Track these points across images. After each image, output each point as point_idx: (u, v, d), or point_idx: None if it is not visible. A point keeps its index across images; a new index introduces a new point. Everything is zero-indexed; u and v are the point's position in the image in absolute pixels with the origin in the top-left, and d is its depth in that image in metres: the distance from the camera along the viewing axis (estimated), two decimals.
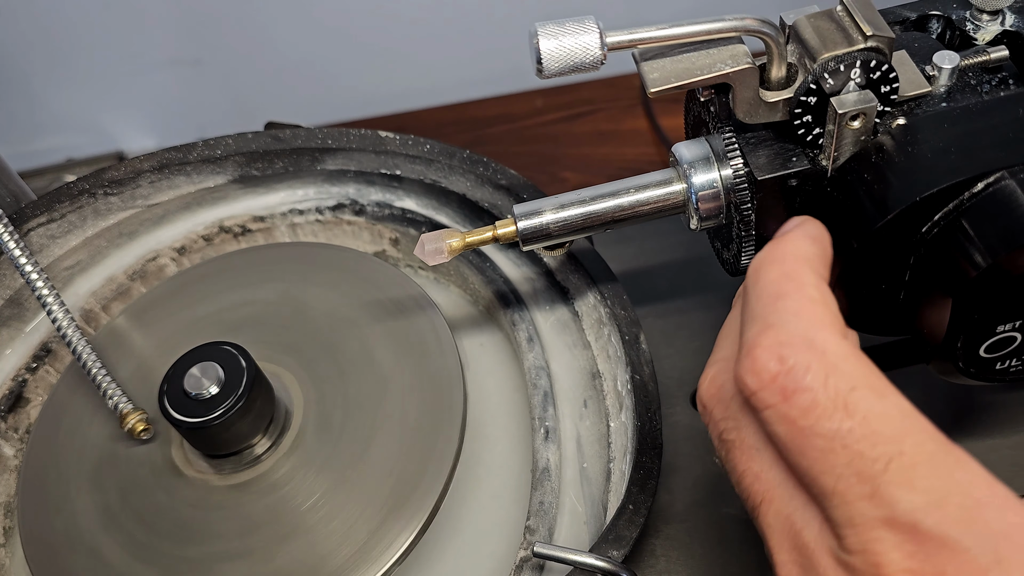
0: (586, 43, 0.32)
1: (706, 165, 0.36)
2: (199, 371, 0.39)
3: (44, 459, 0.44)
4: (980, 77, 0.36)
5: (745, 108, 0.34)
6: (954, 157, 0.32)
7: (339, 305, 0.46)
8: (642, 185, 0.37)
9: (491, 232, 0.38)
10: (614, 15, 0.72)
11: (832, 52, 0.32)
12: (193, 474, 0.42)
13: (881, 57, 0.33)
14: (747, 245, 0.37)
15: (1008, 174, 0.31)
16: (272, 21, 0.78)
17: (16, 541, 0.45)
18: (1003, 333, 0.33)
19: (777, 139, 0.35)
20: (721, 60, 0.33)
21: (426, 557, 0.42)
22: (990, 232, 0.31)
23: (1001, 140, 0.32)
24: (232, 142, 0.51)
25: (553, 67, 0.32)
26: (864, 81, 0.33)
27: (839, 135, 0.33)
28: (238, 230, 0.53)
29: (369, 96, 0.83)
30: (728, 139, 0.35)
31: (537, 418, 0.44)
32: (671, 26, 0.32)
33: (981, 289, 0.31)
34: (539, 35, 0.32)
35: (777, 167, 0.34)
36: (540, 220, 0.38)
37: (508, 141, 0.78)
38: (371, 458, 0.41)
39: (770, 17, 0.34)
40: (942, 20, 0.38)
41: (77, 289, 0.51)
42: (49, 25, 0.75)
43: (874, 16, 0.33)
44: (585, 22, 0.32)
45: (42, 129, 0.83)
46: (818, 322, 0.27)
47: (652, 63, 0.34)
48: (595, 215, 0.38)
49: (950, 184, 0.31)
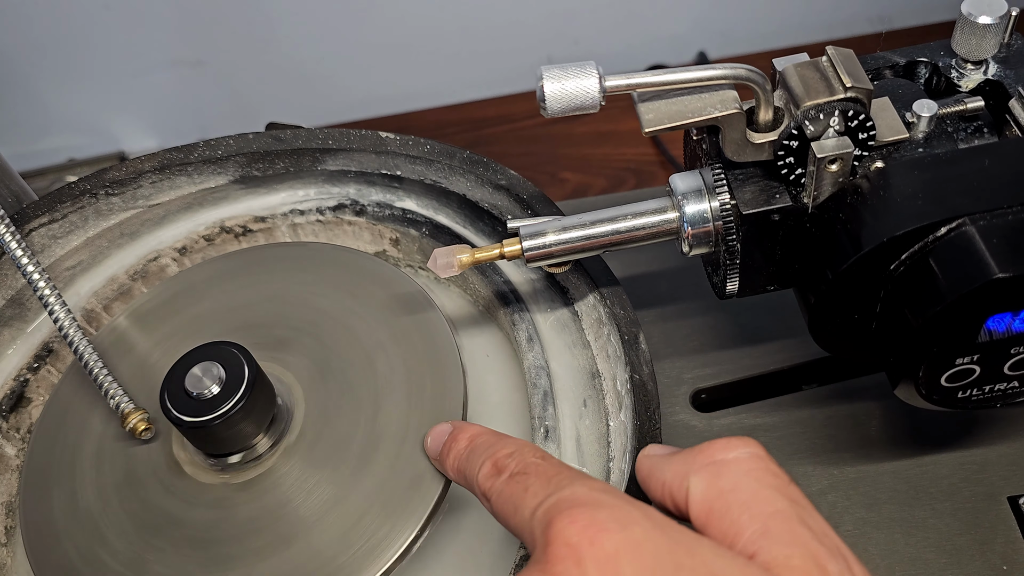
0: (586, 87, 0.34)
1: (698, 197, 0.39)
2: (200, 371, 0.39)
3: (46, 459, 0.44)
4: (957, 125, 0.38)
5: (733, 148, 0.37)
6: (921, 202, 0.34)
7: (340, 305, 0.47)
8: (639, 212, 0.40)
9: (498, 250, 0.40)
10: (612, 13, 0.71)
11: (814, 100, 0.35)
12: (194, 473, 0.42)
13: (859, 107, 0.35)
14: (731, 272, 0.40)
15: (969, 220, 0.33)
16: (273, 22, 0.78)
17: (18, 540, 0.45)
18: (962, 365, 0.35)
19: (764, 176, 0.38)
20: (711, 104, 0.36)
21: (426, 557, 0.42)
22: (949, 274, 0.33)
23: (966, 188, 0.34)
24: (233, 143, 0.52)
25: (556, 107, 0.35)
26: (843, 128, 0.35)
27: (818, 176, 0.36)
28: (239, 230, 0.53)
29: (370, 97, 0.83)
30: (717, 175, 0.38)
31: (537, 417, 0.44)
32: (666, 72, 0.35)
33: (938, 325, 0.34)
34: (544, 78, 0.34)
35: (761, 203, 0.37)
36: (543, 240, 0.40)
37: (508, 141, 0.78)
38: (372, 457, 0.41)
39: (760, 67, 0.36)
40: (929, 66, 0.40)
41: (79, 289, 0.51)
42: (51, 26, 0.75)
43: (855, 68, 0.35)
44: (586, 67, 0.34)
45: (44, 130, 0.83)
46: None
47: (648, 104, 0.36)
48: (595, 238, 0.40)
49: (916, 227, 0.34)
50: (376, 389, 0.43)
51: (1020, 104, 0.38)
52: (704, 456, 0.30)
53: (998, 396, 0.38)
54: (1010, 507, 0.44)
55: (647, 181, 0.74)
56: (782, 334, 0.52)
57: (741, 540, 0.28)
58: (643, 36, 0.83)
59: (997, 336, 0.34)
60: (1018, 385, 0.37)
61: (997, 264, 0.32)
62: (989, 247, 0.32)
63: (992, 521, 0.44)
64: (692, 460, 0.31)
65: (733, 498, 0.29)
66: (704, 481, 0.30)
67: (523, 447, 0.33)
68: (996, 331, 0.34)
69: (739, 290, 0.41)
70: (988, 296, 0.32)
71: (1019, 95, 0.38)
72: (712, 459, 0.30)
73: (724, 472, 0.30)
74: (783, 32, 0.82)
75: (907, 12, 0.83)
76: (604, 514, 0.28)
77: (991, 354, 0.35)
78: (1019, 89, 0.38)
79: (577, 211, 0.49)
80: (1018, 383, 0.37)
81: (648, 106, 0.36)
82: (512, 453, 0.33)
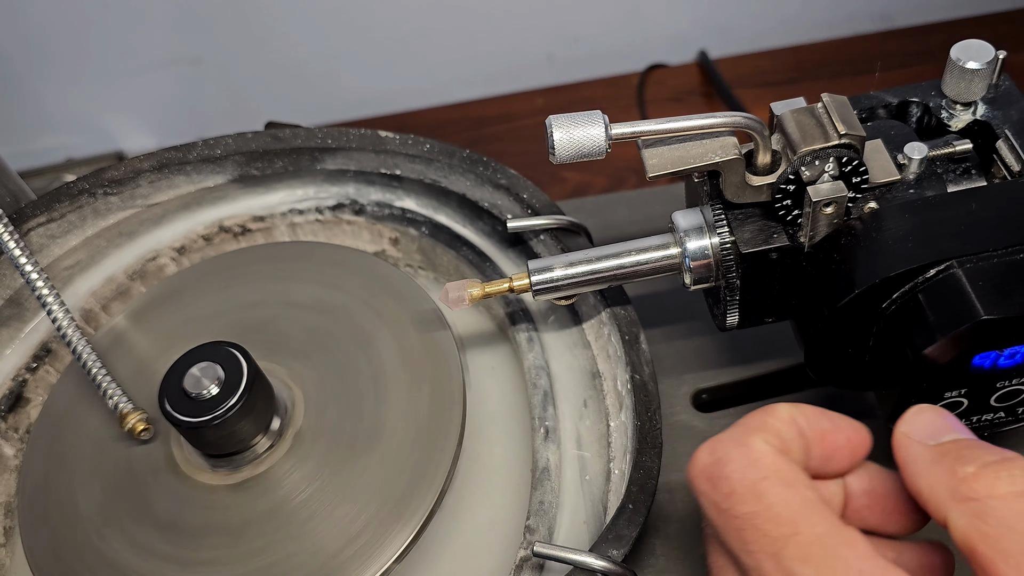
0: (593, 135, 0.36)
1: (699, 234, 0.40)
2: (199, 371, 0.39)
3: (44, 459, 0.44)
4: (946, 166, 0.40)
5: (732, 191, 0.38)
6: (912, 245, 0.36)
7: (339, 305, 0.46)
8: (642, 248, 0.42)
9: (507, 284, 0.42)
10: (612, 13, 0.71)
11: (810, 147, 0.36)
12: (193, 473, 0.42)
13: (853, 153, 0.37)
14: (731, 307, 0.42)
15: (956, 263, 0.35)
16: (272, 21, 0.78)
17: (16, 541, 0.45)
18: (950, 398, 0.37)
19: (762, 216, 0.39)
20: (712, 150, 0.37)
21: (426, 557, 0.42)
22: (937, 314, 0.35)
23: (954, 232, 0.36)
24: (232, 142, 0.51)
25: (564, 154, 0.37)
26: (837, 173, 0.37)
27: (814, 218, 0.38)
28: (238, 230, 0.53)
29: (369, 96, 0.83)
30: (717, 214, 0.40)
31: (537, 418, 0.44)
32: (668, 121, 0.37)
33: (927, 363, 0.35)
34: (553, 127, 0.36)
35: (760, 242, 0.39)
36: (551, 275, 0.42)
37: (508, 141, 0.78)
38: (371, 457, 0.41)
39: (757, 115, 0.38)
40: (921, 106, 0.42)
41: (77, 289, 0.51)
42: (49, 25, 0.75)
43: (848, 115, 0.37)
44: (593, 116, 0.36)
45: (42, 129, 0.83)
46: (750, 428, 0.32)
47: (652, 150, 0.38)
48: (599, 272, 0.42)
49: (907, 269, 0.36)
50: (375, 389, 0.43)
51: (1007, 145, 0.39)
52: (967, 488, 0.28)
53: (985, 425, 0.40)
54: None
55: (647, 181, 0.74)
56: (783, 334, 0.52)
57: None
58: (643, 34, 0.83)
59: (983, 372, 0.36)
60: (1004, 415, 0.39)
61: (983, 307, 0.34)
62: (975, 290, 0.34)
63: None
64: (955, 488, 0.29)
65: (998, 548, 0.27)
66: (965, 520, 0.28)
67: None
68: (982, 367, 0.36)
69: (739, 322, 0.43)
70: (975, 336, 0.34)
71: (1006, 136, 0.40)
72: (975, 495, 0.28)
73: (989, 516, 0.28)
74: (783, 30, 0.82)
75: (907, 10, 0.83)
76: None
77: (978, 388, 0.37)
78: (1005, 131, 0.40)
79: (577, 210, 0.49)
80: (1004, 413, 0.39)
81: (652, 152, 0.38)
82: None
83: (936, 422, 0.31)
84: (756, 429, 0.32)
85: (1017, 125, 0.40)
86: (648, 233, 0.43)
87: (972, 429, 0.40)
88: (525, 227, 0.47)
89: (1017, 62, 0.73)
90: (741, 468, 0.30)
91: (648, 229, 0.59)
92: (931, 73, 0.43)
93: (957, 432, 0.30)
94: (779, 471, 0.30)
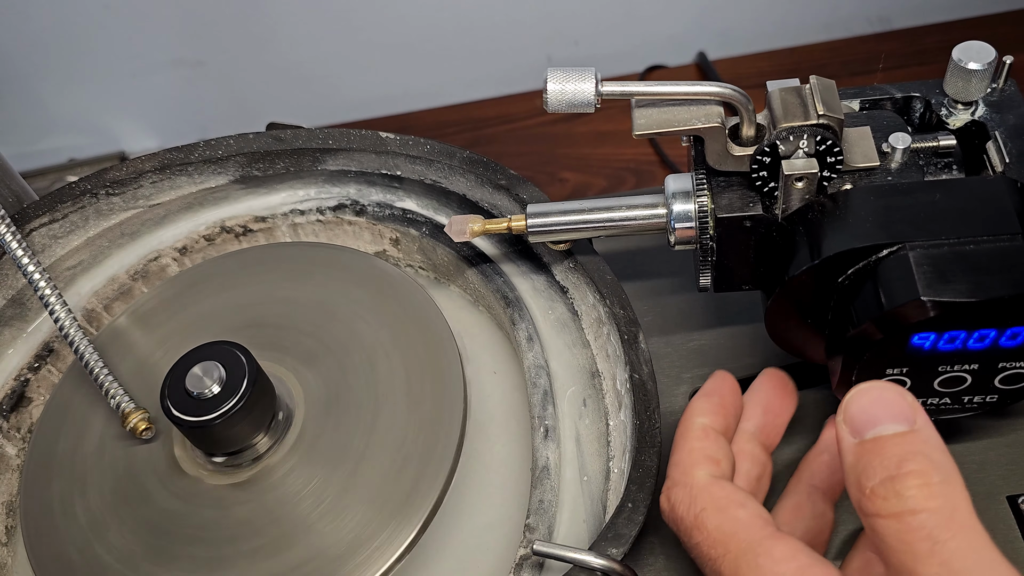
0: (583, 89, 0.39)
1: (685, 198, 0.42)
2: (201, 370, 0.39)
3: (46, 458, 0.44)
4: (929, 159, 0.41)
5: (714, 158, 0.41)
6: (870, 225, 0.38)
7: (340, 304, 0.47)
8: (633, 204, 0.44)
9: (506, 223, 0.45)
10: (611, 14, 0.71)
11: (789, 123, 0.38)
12: (194, 472, 0.42)
13: (829, 133, 0.38)
14: (704, 268, 0.44)
15: (908, 247, 0.37)
16: (274, 22, 0.78)
17: (18, 540, 0.46)
18: (892, 376, 0.39)
19: (743, 186, 0.41)
20: (697, 117, 0.40)
21: (426, 556, 0.43)
22: (881, 291, 0.37)
23: (913, 218, 0.37)
24: (233, 142, 0.52)
25: (555, 103, 0.39)
26: (812, 151, 0.39)
27: (786, 191, 0.39)
28: (239, 230, 0.53)
29: (370, 97, 0.83)
30: (699, 180, 0.42)
31: (536, 417, 0.44)
32: (658, 84, 0.39)
33: (866, 336, 0.37)
34: (549, 79, 0.39)
35: (736, 209, 0.41)
36: (546, 220, 0.44)
37: (508, 141, 0.78)
38: (372, 457, 0.41)
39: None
40: (923, 102, 0.43)
41: (79, 289, 0.51)
42: (51, 26, 0.75)
43: (831, 99, 0.39)
44: (586, 72, 0.39)
45: (44, 130, 0.83)
46: (691, 464, 0.39)
47: (642, 111, 0.41)
48: (591, 222, 0.44)
49: (862, 246, 0.37)
50: (376, 389, 0.43)
51: (995, 147, 0.41)
52: (867, 504, 0.30)
53: (931, 410, 0.41)
54: (1009, 506, 0.44)
55: (646, 181, 0.74)
56: None
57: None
58: (643, 36, 0.83)
59: (922, 353, 0.37)
60: (950, 402, 0.40)
61: (921, 288, 0.35)
62: (919, 272, 0.36)
63: (991, 520, 0.44)
64: (859, 500, 0.31)
65: (891, 563, 0.30)
66: (867, 529, 0.31)
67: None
68: (921, 348, 0.37)
69: (714, 285, 0.44)
70: (911, 314, 0.35)
71: (995, 138, 0.41)
72: (870, 511, 0.30)
73: (879, 533, 0.30)
74: (782, 32, 0.82)
75: (906, 12, 0.83)
76: None
77: (919, 369, 0.38)
78: (997, 133, 0.41)
79: None
80: (950, 400, 0.40)
81: (641, 112, 0.40)
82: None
83: (870, 410, 0.32)
84: (690, 465, 0.38)
85: (1012, 129, 0.41)
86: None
87: None
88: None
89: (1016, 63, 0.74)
90: (686, 507, 0.37)
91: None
92: (928, 75, 0.43)
93: (886, 423, 0.31)
94: (713, 500, 0.37)
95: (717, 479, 0.38)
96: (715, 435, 0.40)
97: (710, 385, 0.43)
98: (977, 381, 0.39)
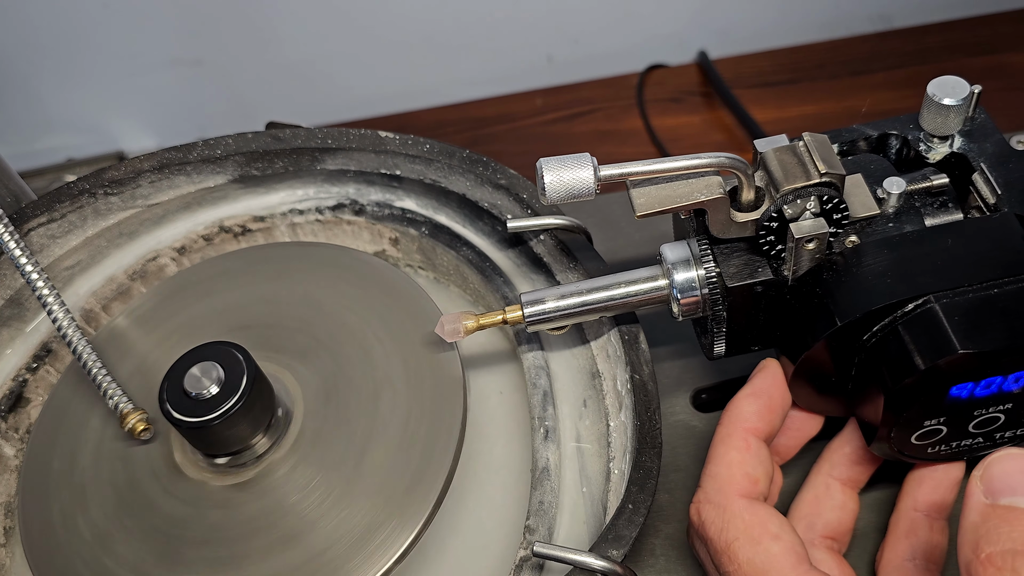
0: (582, 177, 0.37)
1: (687, 266, 0.42)
2: (199, 371, 0.39)
3: (44, 459, 0.44)
4: (924, 200, 0.41)
5: (718, 228, 0.40)
6: (890, 280, 0.38)
7: (339, 304, 0.47)
8: (631, 280, 0.43)
9: (501, 316, 0.43)
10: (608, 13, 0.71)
11: (792, 185, 0.38)
12: (193, 474, 0.42)
13: (833, 192, 0.38)
14: (719, 337, 0.43)
15: (933, 298, 0.36)
16: (272, 21, 0.78)
17: (17, 541, 0.45)
18: (929, 426, 0.38)
19: (747, 250, 0.41)
20: (698, 189, 0.38)
21: (426, 557, 0.42)
22: (915, 348, 0.36)
23: (931, 267, 0.37)
24: (232, 142, 0.52)
25: (555, 196, 0.37)
26: (818, 210, 0.38)
27: (797, 253, 0.39)
28: (238, 230, 0.53)
29: (369, 96, 0.83)
30: (703, 249, 0.41)
31: (537, 417, 0.44)
32: (655, 162, 0.38)
33: (906, 394, 0.37)
34: (544, 170, 0.37)
35: (745, 276, 0.40)
36: (543, 307, 0.43)
37: (508, 141, 0.78)
38: (371, 457, 0.41)
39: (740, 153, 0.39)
40: (899, 139, 0.43)
41: (77, 289, 0.51)
42: (49, 25, 0.75)
43: (829, 154, 0.38)
44: (582, 159, 0.37)
45: (42, 129, 0.83)
46: (728, 482, 0.39)
47: (639, 190, 0.39)
48: (590, 304, 0.43)
49: (886, 304, 0.37)
50: (375, 389, 0.43)
51: (982, 179, 0.41)
52: (977, 567, 0.30)
53: (964, 450, 0.41)
54: None
55: None
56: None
57: None
58: (643, 35, 0.83)
59: (960, 402, 0.37)
60: (983, 440, 0.40)
61: (959, 341, 0.35)
62: (951, 324, 0.35)
63: None
64: (969, 560, 0.30)
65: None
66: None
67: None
68: (959, 397, 0.37)
69: (726, 351, 0.44)
70: (951, 369, 0.35)
71: (981, 170, 0.41)
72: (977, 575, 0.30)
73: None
74: (782, 31, 0.82)
75: (906, 11, 0.83)
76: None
77: (956, 416, 0.38)
78: (981, 164, 0.41)
79: (576, 210, 0.49)
80: (983, 439, 0.40)
81: (639, 191, 0.39)
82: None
83: (1014, 477, 0.31)
84: (727, 482, 0.38)
85: (992, 158, 0.41)
86: (647, 238, 0.44)
87: (952, 454, 0.41)
88: (525, 227, 0.47)
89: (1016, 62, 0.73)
90: (717, 530, 0.37)
91: (646, 229, 0.59)
92: (928, 73, 0.43)
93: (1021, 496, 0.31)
94: (747, 528, 0.37)
95: (752, 502, 0.38)
96: (757, 445, 0.40)
97: (759, 383, 0.42)
98: (1011, 418, 0.39)
